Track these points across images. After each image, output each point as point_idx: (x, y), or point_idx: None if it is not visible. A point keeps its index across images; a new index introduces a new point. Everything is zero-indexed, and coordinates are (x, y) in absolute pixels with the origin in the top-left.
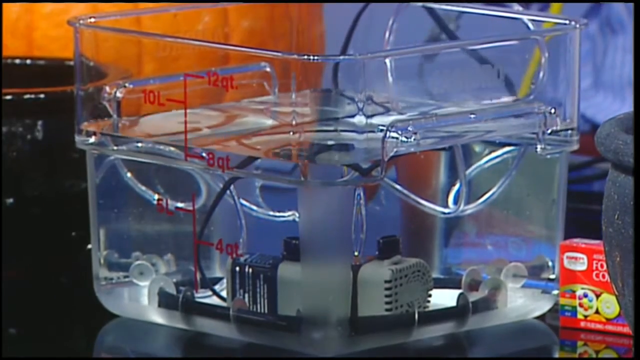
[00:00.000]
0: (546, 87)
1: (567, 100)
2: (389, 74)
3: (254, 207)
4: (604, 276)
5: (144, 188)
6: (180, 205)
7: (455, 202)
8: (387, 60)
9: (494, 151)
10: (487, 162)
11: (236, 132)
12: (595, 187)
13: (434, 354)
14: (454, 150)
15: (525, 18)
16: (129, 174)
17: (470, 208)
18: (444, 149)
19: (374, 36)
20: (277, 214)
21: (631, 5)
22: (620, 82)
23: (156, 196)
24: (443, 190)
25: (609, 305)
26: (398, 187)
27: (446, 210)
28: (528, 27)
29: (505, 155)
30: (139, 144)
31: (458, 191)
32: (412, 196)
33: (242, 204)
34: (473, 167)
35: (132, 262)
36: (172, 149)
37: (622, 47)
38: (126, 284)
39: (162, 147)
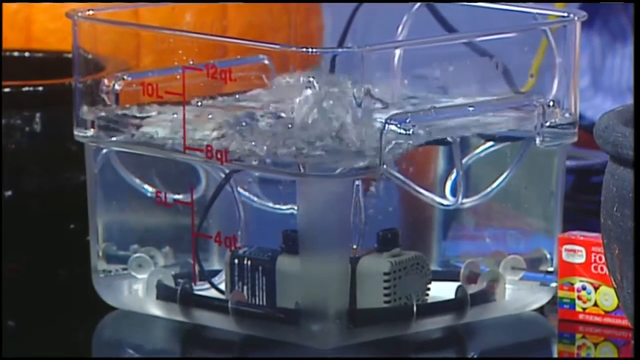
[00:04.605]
0: (545, 79)
1: (566, 92)
2: (395, 66)
3: (253, 197)
4: (602, 269)
5: (140, 182)
6: (178, 197)
7: (454, 195)
8: (397, 52)
9: (494, 146)
10: (485, 153)
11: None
12: None
13: (433, 346)
14: (452, 144)
15: (524, 11)
16: (121, 168)
17: (472, 201)
18: (442, 142)
19: (373, 30)
20: (277, 206)
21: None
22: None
23: (151, 189)
24: (442, 183)
25: (608, 297)
26: (399, 176)
27: (445, 203)
28: (535, 18)
29: (503, 147)
30: (138, 136)
31: (456, 184)
32: (413, 185)
33: (239, 193)
34: (470, 156)
35: (131, 254)
36: (170, 141)
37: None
38: (124, 277)
39: (160, 139)
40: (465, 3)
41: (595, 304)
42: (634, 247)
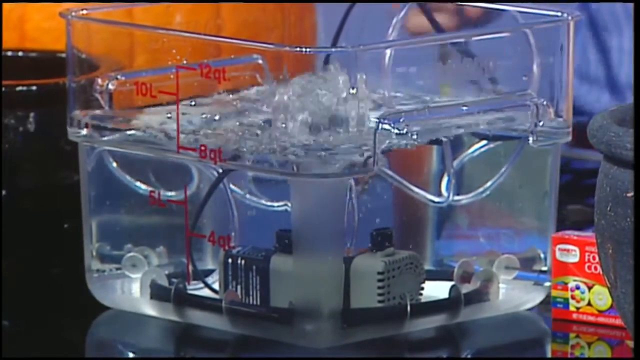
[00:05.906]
0: (539, 79)
1: (560, 92)
2: (385, 66)
3: (245, 194)
4: (596, 268)
5: (131, 179)
6: (171, 193)
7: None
8: (388, 52)
9: (487, 145)
10: (478, 152)
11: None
12: None
13: (426, 346)
14: (443, 144)
15: (516, 11)
16: (114, 164)
17: (465, 198)
18: (435, 141)
19: (367, 29)
20: (270, 203)
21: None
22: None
23: (145, 187)
24: (436, 182)
25: (601, 297)
26: (393, 175)
27: (437, 200)
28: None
29: (498, 147)
30: (131, 136)
31: (447, 183)
32: (406, 184)
33: (232, 190)
34: (464, 155)
35: (124, 254)
36: (164, 141)
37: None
38: (118, 276)
39: (154, 139)
40: (460, 3)
41: (589, 304)
42: (633, 249)
